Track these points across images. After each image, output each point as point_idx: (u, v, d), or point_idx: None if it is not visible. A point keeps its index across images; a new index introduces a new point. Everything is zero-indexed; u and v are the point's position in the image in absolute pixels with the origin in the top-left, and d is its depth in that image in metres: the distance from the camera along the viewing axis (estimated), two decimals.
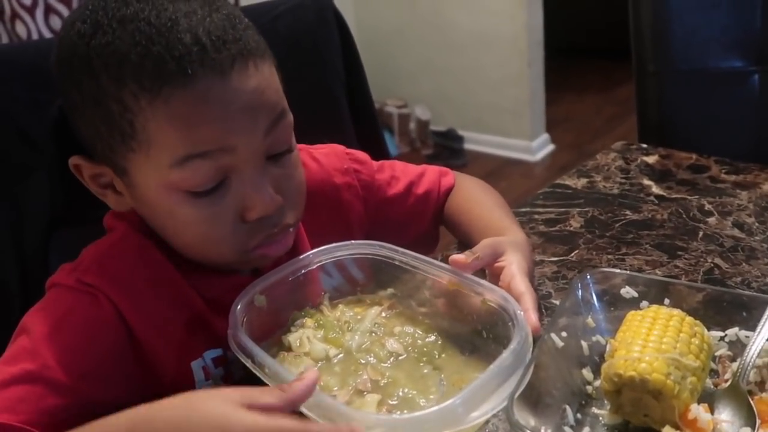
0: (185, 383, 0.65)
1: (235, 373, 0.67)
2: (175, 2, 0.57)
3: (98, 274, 0.63)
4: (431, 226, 0.87)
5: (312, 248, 0.71)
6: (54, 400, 0.56)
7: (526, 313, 0.59)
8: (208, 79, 0.55)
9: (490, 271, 0.69)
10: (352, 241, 0.71)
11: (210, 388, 0.65)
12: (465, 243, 0.81)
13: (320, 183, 0.77)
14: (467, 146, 3.32)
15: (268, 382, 0.55)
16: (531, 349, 0.55)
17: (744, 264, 0.76)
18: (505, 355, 0.53)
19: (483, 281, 0.63)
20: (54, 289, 0.63)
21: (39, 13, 1.99)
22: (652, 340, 0.53)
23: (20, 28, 1.98)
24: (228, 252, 0.63)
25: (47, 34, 1.98)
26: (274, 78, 0.62)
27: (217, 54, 0.55)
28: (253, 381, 0.56)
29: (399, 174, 0.86)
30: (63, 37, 0.61)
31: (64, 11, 2.01)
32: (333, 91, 1.06)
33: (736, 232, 0.83)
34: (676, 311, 0.57)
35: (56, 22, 2.02)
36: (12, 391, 0.55)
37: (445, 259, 0.77)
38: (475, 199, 0.85)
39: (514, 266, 0.66)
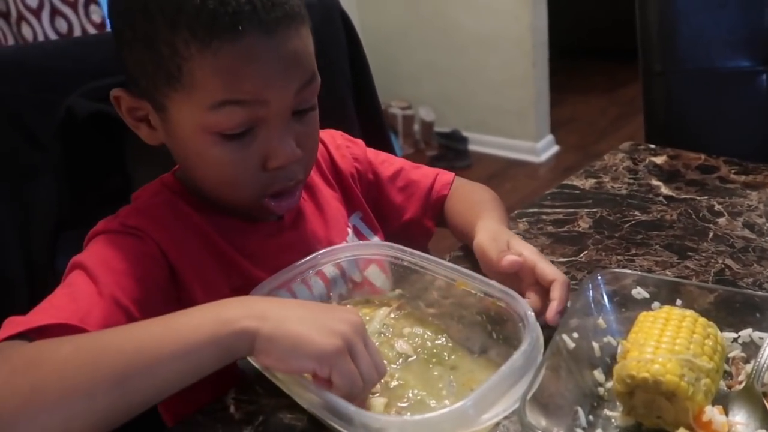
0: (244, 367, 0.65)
1: None
2: None
3: (139, 217, 0.68)
4: (421, 214, 0.88)
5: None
6: (113, 313, 0.59)
7: (552, 304, 0.61)
8: (254, 36, 0.59)
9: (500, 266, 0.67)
10: (360, 242, 0.71)
11: None
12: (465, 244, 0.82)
13: (318, 155, 0.82)
14: (472, 147, 3.31)
15: (277, 384, 0.55)
16: (542, 350, 0.54)
17: (755, 265, 0.76)
18: (516, 357, 0.53)
19: (492, 281, 0.63)
20: (98, 236, 0.67)
21: (45, 15, 1.99)
22: (665, 341, 0.53)
23: (26, 30, 1.98)
24: (246, 195, 0.67)
25: (53, 36, 1.99)
26: (310, 42, 0.66)
27: (266, 14, 0.60)
28: (265, 381, 0.55)
29: (393, 160, 0.91)
30: None
31: (70, 14, 2.02)
32: (339, 90, 1.06)
33: (747, 233, 0.82)
34: (689, 312, 0.56)
35: (62, 25, 2.02)
36: (76, 302, 0.59)
37: (453, 260, 0.77)
38: (468, 198, 0.86)
39: (528, 253, 0.66)
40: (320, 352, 0.52)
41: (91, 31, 2.06)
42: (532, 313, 0.58)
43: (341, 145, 0.88)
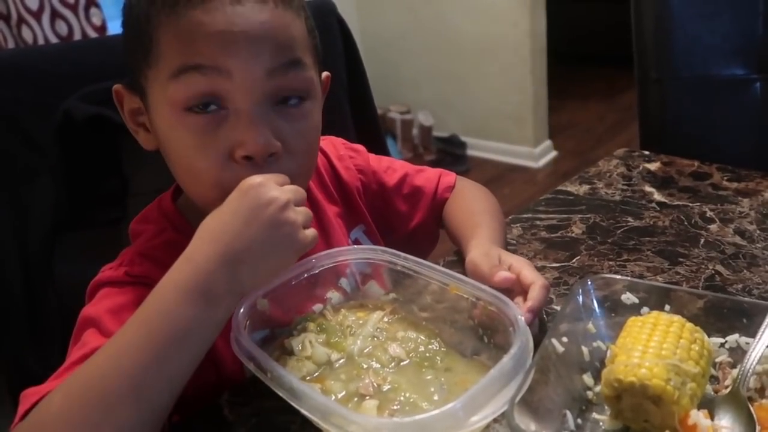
0: (233, 366, 0.66)
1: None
2: None
3: (144, 264, 0.66)
4: (428, 219, 0.89)
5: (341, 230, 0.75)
6: None
7: (526, 303, 0.62)
8: (223, 4, 0.58)
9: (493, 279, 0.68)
10: (354, 246, 0.72)
11: None
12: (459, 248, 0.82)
13: (320, 165, 0.81)
14: (470, 152, 3.33)
15: (270, 386, 0.56)
16: (531, 354, 0.55)
17: (745, 271, 0.76)
18: (506, 360, 0.53)
19: (484, 286, 0.64)
20: (105, 287, 0.65)
21: (45, 18, 2.00)
22: (652, 346, 0.53)
23: (26, 33, 1.99)
24: (209, 188, 0.62)
25: (53, 39, 2.00)
26: (296, 26, 0.63)
27: None
28: (258, 383, 0.56)
29: (396, 166, 0.90)
30: None
31: (71, 16, 2.03)
32: (336, 96, 1.06)
33: (738, 240, 0.83)
34: (677, 317, 0.57)
35: (62, 28, 2.03)
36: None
37: (446, 265, 0.77)
38: (466, 205, 0.86)
39: (515, 262, 0.67)
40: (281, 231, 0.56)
41: (92, 34, 2.07)
42: (522, 318, 0.58)
43: (344, 156, 0.86)
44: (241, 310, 0.61)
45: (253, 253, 0.56)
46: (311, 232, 0.60)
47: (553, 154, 3.29)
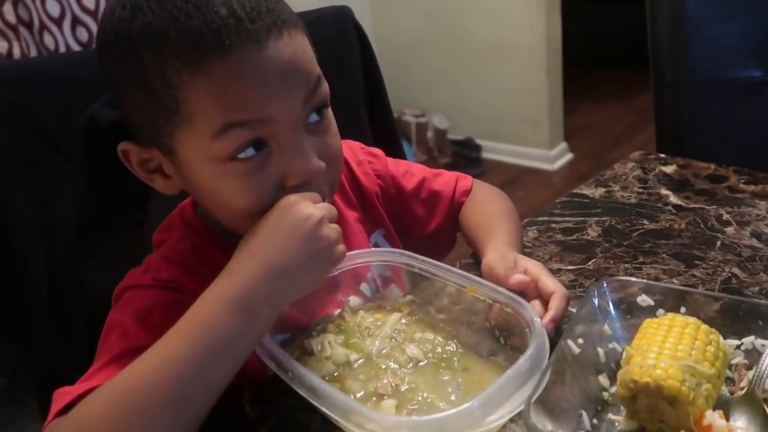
0: (255, 365, 0.66)
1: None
2: None
3: (171, 269, 0.67)
4: (446, 223, 0.89)
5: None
6: None
7: (548, 313, 0.63)
8: (245, 49, 0.57)
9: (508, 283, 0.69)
10: (372, 249, 0.73)
11: None
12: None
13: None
14: (485, 155, 3.33)
15: (291, 385, 0.57)
16: (547, 355, 0.56)
17: (762, 273, 0.76)
18: (522, 361, 0.54)
19: (501, 289, 0.65)
20: (130, 290, 0.66)
21: (66, 24, 2.04)
22: (667, 347, 0.54)
23: (48, 40, 2.03)
24: (254, 219, 0.62)
25: (74, 46, 2.03)
26: (307, 47, 0.63)
27: (252, 24, 0.57)
28: (279, 382, 0.57)
29: (414, 171, 0.90)
30: (105, 25, 0.62)
31: (91, 23, 2.06)
32: (353, 101, 1.08)
33: (754, 242, 0.83)
34: (692, 319, 0.58)
35: (83, 34, 2.07)
36: (111, 367, 0.59)
37: (463, 268, 0.78)
38: (482, 209, 0.87)
39: (532, 267, 0.68)
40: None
41: None
42: (539, 320, 0.59)
43: (363, 161, 0.87)
44: None
45: (293, 268, 0.58)
46: (342, 247, 0.62)
47: (569, 156, 3.28)
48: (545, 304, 0.66)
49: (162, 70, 0.57)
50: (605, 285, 0.64)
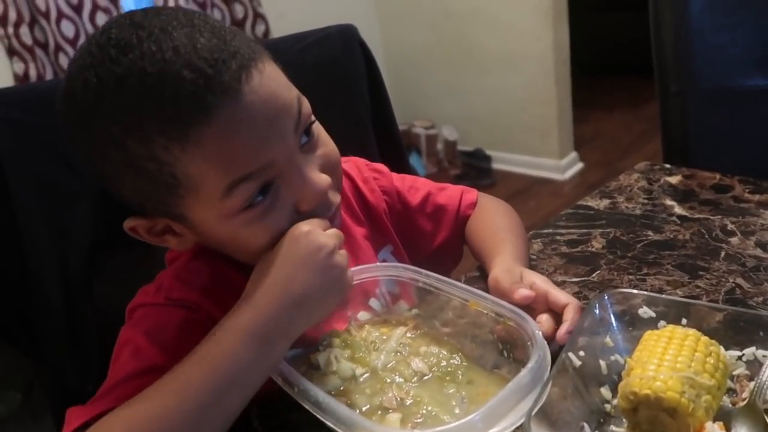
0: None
1: None
2: (159, 41, 0.55)
3: (184, 289, 0.68)
4: (452, 237, 0.90)
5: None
6: None
7: (564, 324, 0.63)
8: (225, 106, 0.55)
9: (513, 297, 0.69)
10: (377, 264, 0.74)
11: None
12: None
13: (346, 188, 0.82)
14: (495, 166, 3.33)
15: (298, 400, 0.58)
16: (549, 368, 0.57)
17: (766, 284, 0.77)
18: (523, 374, 0.55)
19: (503, 302, 0.66)
20: (142, 308, 0.68)
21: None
22: (667, 359, 0.55)
23: (63, 60, 2.07)
24: (269, 249, 0.63)
25: None
26: (278, 73, 0.61)
27: (222, 77, 0.55)
28: (286, 396, 0.59)
29: (419, 185, 0.91)
30: (69, 116, 0.60)
31: None
32: (359, 117, 1.10)
33: (759, 252, 0.83)
34: (692, 331, 0.58)
35: None
36: (124, 386, 0.60)
37: (468, 281, 0.79)
38: (489, 222, 0.88)
39: (540, 282, 0.69)
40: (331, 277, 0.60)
41: None
42: (540, 333, 0.60)
43: (368, 178, 0.88)
44: None
45: (309, 298, 0.60)
46: (351, 273, 0.64)
47: (580, 165, 3.28)
48: (554, 317, 0.66)
49: (150, 152, 0.56)
50: (607, 297, 0.65)
